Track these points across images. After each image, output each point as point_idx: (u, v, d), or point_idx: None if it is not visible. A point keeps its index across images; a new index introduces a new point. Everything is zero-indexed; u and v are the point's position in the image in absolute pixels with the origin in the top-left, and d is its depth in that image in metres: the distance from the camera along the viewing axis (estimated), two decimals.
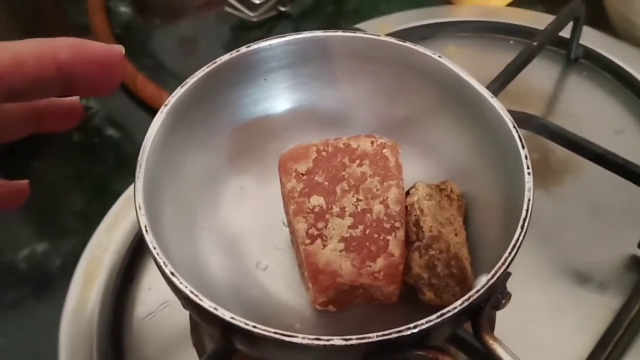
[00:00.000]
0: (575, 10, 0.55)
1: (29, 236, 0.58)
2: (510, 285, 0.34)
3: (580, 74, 0.60)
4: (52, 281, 0.55)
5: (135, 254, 0.48)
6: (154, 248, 0.31)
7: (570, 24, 0.57)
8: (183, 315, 0.45)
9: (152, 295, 0.47)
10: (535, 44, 0.51)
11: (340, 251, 0.35)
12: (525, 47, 0.52)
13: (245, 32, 0.75)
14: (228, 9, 0.75)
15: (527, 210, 0.33)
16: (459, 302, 0.30)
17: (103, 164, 0.64)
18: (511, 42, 0.63)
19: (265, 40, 0.40)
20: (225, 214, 0.41)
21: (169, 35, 0.78)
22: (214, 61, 0.39)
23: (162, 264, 0.31)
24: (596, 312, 0.44)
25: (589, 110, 0.57)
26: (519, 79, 0.52)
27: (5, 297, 0.54)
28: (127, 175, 0.60)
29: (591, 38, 0.60)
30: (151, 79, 0.67)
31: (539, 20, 0.62)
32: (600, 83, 0.59)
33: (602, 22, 0.66)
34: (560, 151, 0.52)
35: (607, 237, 0.48)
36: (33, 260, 0.56)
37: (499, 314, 0.43)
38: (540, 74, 0.59)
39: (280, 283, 0.40)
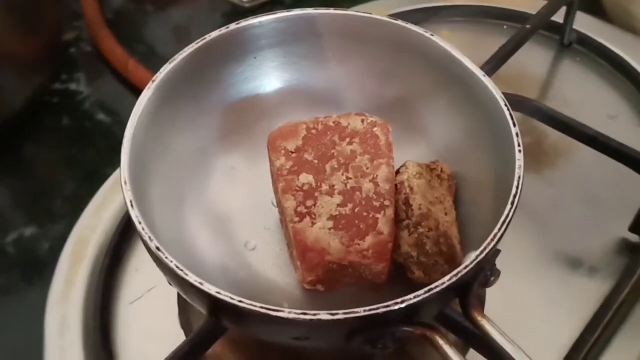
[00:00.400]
0: None
1: (18, 220, 0.57)
2: (501, 269, 0.33)
3: (574, 59, 0.60)
4: (41, 265, 0.54)
5: (124, 235, 0.47)
6: (140, 223, 0.31)
7: (564, 10, 0.57)
8: (171, 297, 0.44)
9: (140, 277, 0.46)
10: (528, 27, 0.51)
11: (329, 229, 0.35)
12: (518, 31, 0.52)
13: (238, 18, 0.73)
14: None
15: (517, 187, 0.32)
16: (448, 277, 0.29)
17: (93, 149, 0.63)
18: (505, 27, 0.62)
19: (256, 18, 0.40)
20: (214, 193, 0.41)
21: (161, 22, 0.77)
22: (203, 38, 0.39)
23: (147, 239, 0.31)
24: (586, 295, 0.44)
25: (583, 96, 0.56)
26: (512, 63, 0.51)
27: None
28: (117, 160, 0.58)
29: (585, 23, 0.60)
30: (143, 65, 0.66)
31: (532, 5, 0.62)
32: (594, 68, 0.58)
33: (596, 8, 0.65)
34: (553, 136, 0.52)
35: (599, 220, 0.48)
36: (22, 245, 0.55)
37: (489, 299, 0.42)
38: (534, 59, 0.59)
39: (269, 263, 0.39)
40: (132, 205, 0.31)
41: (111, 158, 0.61)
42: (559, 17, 0.57)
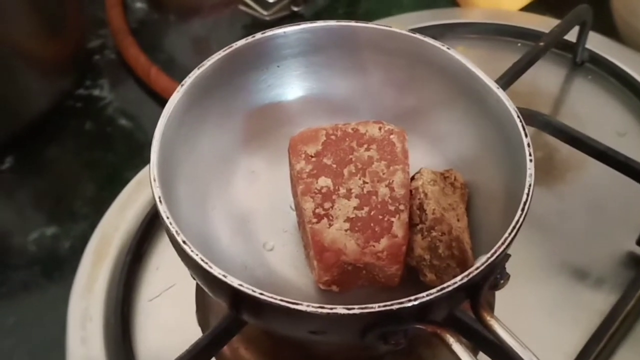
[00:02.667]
0: (581, 14, 0.56)
1: (40, 220, 0.59)
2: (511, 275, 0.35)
3: (586, 77, 0.61)
4: (61, 263, 0.56)
5: (146, 234, 0.49)
6: (167, 217, 0.33)
7: (577, 29, 0.58)
8: (189, 296, 0.46)
9: (160, 275, 0.48)
10: (541, 44, 0.53)
11: (346, 230, 0.37)
12: (531, 48, 0.53)
13: (258, 31, 0.75)
14: (242, 7, 0.77)
15: (527, 195, 0.34)
16: (459, 277, 0.31)
17: (115, 153, 0.65)
18: (519, 44, 0.64)
19: (280, 28, 0.42)
20: (235, 194, 0.42)
21: (183, 32, 0.79)
22: (230, 45, 0.40)
23: (174, 232, 0.32)
24: (592, 307, 0.45)
25: (593, 113, 0.58)
26: (525, 80, 0.53)
27: (15, 277, 0.55)
28: (138, 164, 0.61)
29: (597, 43, 0.61)
30: (164, 72, 0.68)
31: (546, 24, 0.63)
32: (605, 87, 0.60)
33: (609, 28, 0.67)
34: (563, 151, 0.53)
35: (606, 233, 0.49)
36: (42, 243, 0.57)
37: (497, 307, 0.44)
38: (547, 77, 0.60)
39: (286, 263, 0.41)
40: (160, 201, 0.33)
41: (131, 162, 0.64)
42: (572, 37, 0.58)
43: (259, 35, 0.41)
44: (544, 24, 0.64)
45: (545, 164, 0.54)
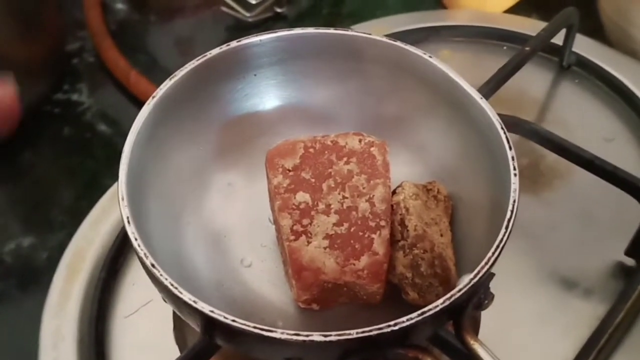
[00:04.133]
0: (568, 17, 0.55)
1: (16, 230, 0.57)
2: (495, 289, 0.33)
3: (573, 81, 0.60)
4: (38, 275, 0.54)
5: (121, 249, 0.47)
6: (136, 239, 0.31)
7: (564, 32, 0.57)
8: (167, 312, 0.44)
9: (136, 291, 0.46)
10: (527, 49, 0.51)
11: (325, 248, 0.35)
12: (518, 52, 0.52)
13: (241, 32, 0.74)
14: (224, 9, 0.75)
15: (512, 211, 0.33)
16: (441, 300, 0.30)
17: (94, 159, 0.63)
18: (505, 47, 0.63)
19: (256, 36, 0.40)
20: (211, 209, 0.41)
21: (165, 33, 0.77)
22: (203, 55, 0.39)
23: (143, 255, 0.31)
24: (581, 318, 0.44)
25: (580, 118, 0.57)
26: (511, 85, 0.51)
27: None
28: (117, 172, 0.59)
29: (584, 46, 0.60)
30: (145, 76, 0.66)
31: (533, 27, 0.62)
32: (592, 91, 0.59)
33: (596, 30, 0.66)
34: (549, 157, 0.52)
35: (594, 243, 0.48)
36: (19, 254, 0.55)
37: (484, 319, 0.43)
38: (533, 81, 0.59)
39: (265, 280, 0.40)
40: (128, 222, 0.32)
41: (111, 169, 0.61)
42: (558, 40, 0.57)
43: (233, 44, 0.40)
44: (530, 26, 0.63)
45: (531, 171, 0.52)
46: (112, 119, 0.66)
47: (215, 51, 0.39)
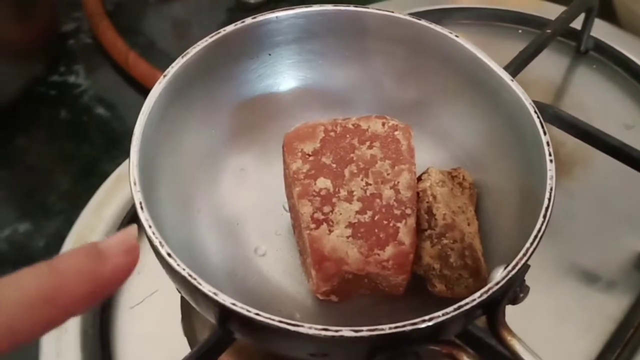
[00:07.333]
0: (588, 0, 0.53)
1: (11, 216, 0.55)
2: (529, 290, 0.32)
3: (590, 66, 0.58)
4: (34, 262, 0.52)
5: None
6: (150, 227, 0.29)
7: (582, 15, 0.55)
8: (174, 302, 0.43)
9: (142, 280, 0.44)
10: (548, 31, 0.49)
11: (347, 237, 0.33)
12: (538, 35, 0.50)
13: (241, 13, 0.72)
14: None
15: (549, 199, 0.31)
16: (477, 294, 0.28)
17: (91, 144, 0.61)
18: (519, 31, 0.61)
19: (272, 12, 0.38)
20: (223, 196, 0.39)
21: (163, 14, 0.75)
22: (217, 31, 0.37)
23: (158, 244, 0.29)
24: (604, 311, 0.43)
25: (599, 104, 0.55)
26: (526, 69, 0.50)
27: None
28: (116, 156, 0.58)
29: (602, 30, 0.58)
30: (143, 58, 0.64)
31: (546, 9, 0.61)
32: (611, 77, 0.57)
33: (611, 15, 0.64)
34: (569, 144, 0.50)
35: (616, 234, 0.46)
36: (14, 240, 0.53)
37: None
38: (549, 65, 0.57)
39: (280, 270, 0.38)
40: (141, 208, 0.30)
41: (109, 153, 0.60)
42: (576, 23, 0.55)
43: (249, 20, 0.38)
44: (544, 9, 0.62)
45: None
46: (109, 102, 0.64)
47: (229, 28, 0.37)
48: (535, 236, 0.30)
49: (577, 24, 0.56)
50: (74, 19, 0.72)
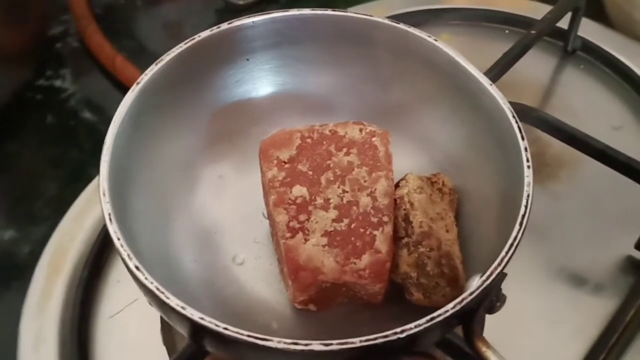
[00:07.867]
0: (575, 0, 0.52)
1: None
2: (502, 285, 0.31)
3: (577, 66, 0.57)
4: (20, 270, 0.52)
5: (105, 244, 0.44)
6: (118, 239, 0.29)
7: (569, 15, 0.54)
8: (153, 311, 0.42)
9: (121, 289, 0.44)
10: (533, 32, 0.49)
11: (323, 246, 0.33)
12: (523, 36, 0.49)
13: (231, 15, 0.71)
14: None
15: (526, 207, 0.30)
16: (451, 305, 0.27)
17: (78, 148, 0.61)
18: (506, 31, 0.60)
19: (249, 17, 0.38)
20: (200, 204, 0.38)
21: (152, 17, 0.75)
22: (192, 37, 0.36)
23: (126, 257, 0.28)
24: (591, 315, 0.42)
25: (586, 105, 0.54)
26: (513, 70, 0.49)
27: None
28: None
29: (589, 30, 0.58)
30: (132, 62, 0.64)
31: (535, 10, 0.60)
32: (598, 77, 0.56)
33: (600, 14, 0.63)
34: (556, 146, 0.50)
35: (603, 237, 0.46)
36: (0, 248, 0.53)
37: (488, 317, 0.40)
38: (536, 66, 0.57)
39: (258, 279, 0.37)
40: (110, 220, 0.29)
41: (96, 158, 0.58)
42: (562, 23, 0.55)
43: (224, 26, 0.37)
44: (532, 9, 0.61)
45: (536, 161, 0.49)
46: (97, 106, 0.64)
47: (204, 34, 0.37)
48: (512, 244, 0.29)
49: (564, 23, 0.55)
50: (62, 22, 0.71)
